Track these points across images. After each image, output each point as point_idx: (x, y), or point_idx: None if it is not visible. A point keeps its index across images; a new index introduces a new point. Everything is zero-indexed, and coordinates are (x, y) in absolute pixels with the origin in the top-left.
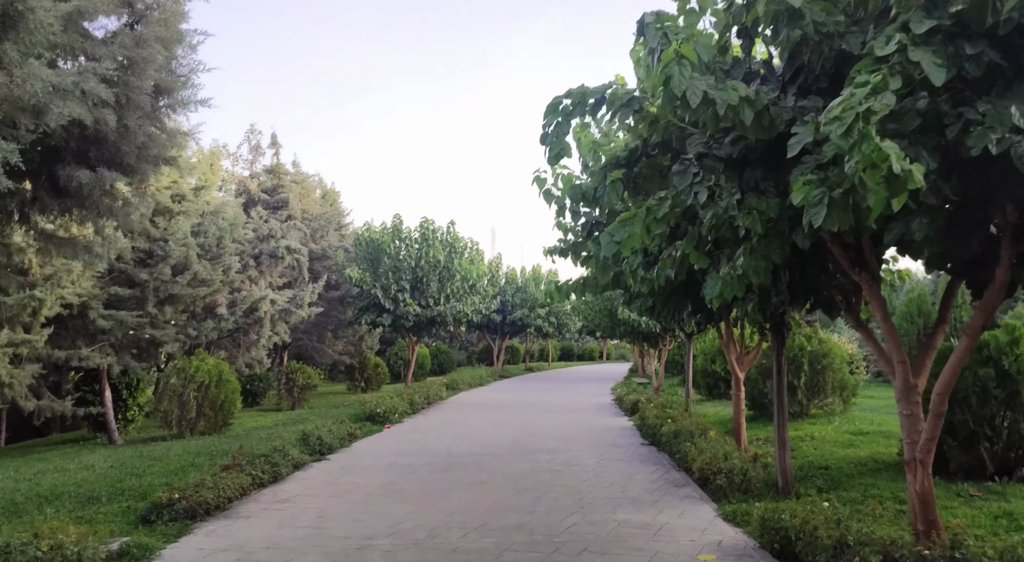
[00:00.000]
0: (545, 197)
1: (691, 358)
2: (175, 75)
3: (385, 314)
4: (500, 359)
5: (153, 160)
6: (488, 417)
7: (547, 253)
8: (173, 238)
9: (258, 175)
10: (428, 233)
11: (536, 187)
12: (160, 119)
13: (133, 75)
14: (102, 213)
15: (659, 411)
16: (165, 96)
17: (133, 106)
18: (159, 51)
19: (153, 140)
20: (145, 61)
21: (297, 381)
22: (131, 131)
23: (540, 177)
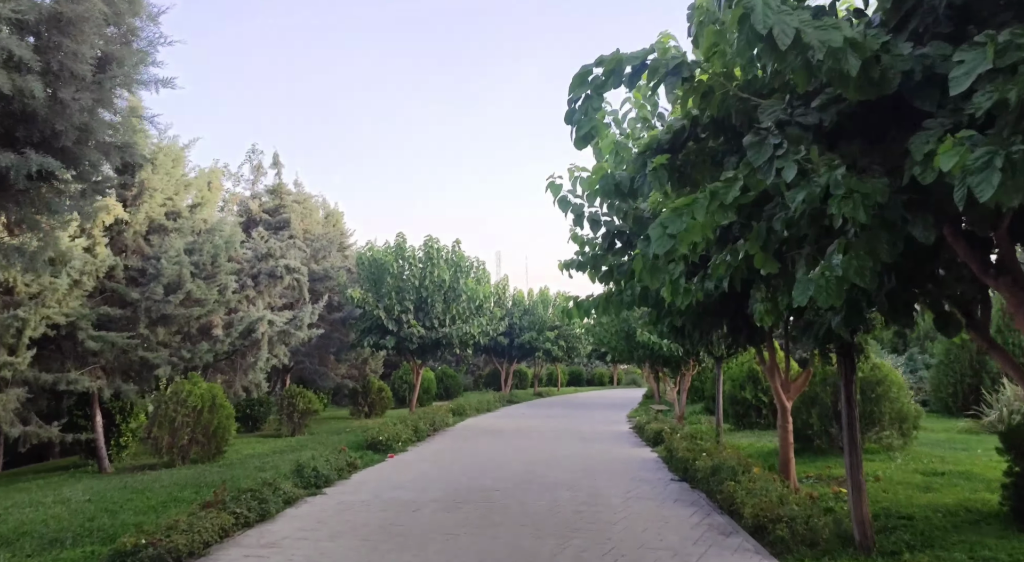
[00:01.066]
0: (560, 205)
1: (720, 384)
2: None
3: (388, 336)
4: (508, 384)
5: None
6: (498, 446)
7: (562, 268)
8: (165, 256)
9: (260, 195)
10: (432, 252)
11: (550, 194)
12: (107, 95)
13: (66, 36)
14: (39, 208)
15: (689, 443)
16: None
17: (68, 75)
18: (97, 6)
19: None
20: (81, 19)
21: (297, 406)
22: (66, 106)
23: (554, 183)
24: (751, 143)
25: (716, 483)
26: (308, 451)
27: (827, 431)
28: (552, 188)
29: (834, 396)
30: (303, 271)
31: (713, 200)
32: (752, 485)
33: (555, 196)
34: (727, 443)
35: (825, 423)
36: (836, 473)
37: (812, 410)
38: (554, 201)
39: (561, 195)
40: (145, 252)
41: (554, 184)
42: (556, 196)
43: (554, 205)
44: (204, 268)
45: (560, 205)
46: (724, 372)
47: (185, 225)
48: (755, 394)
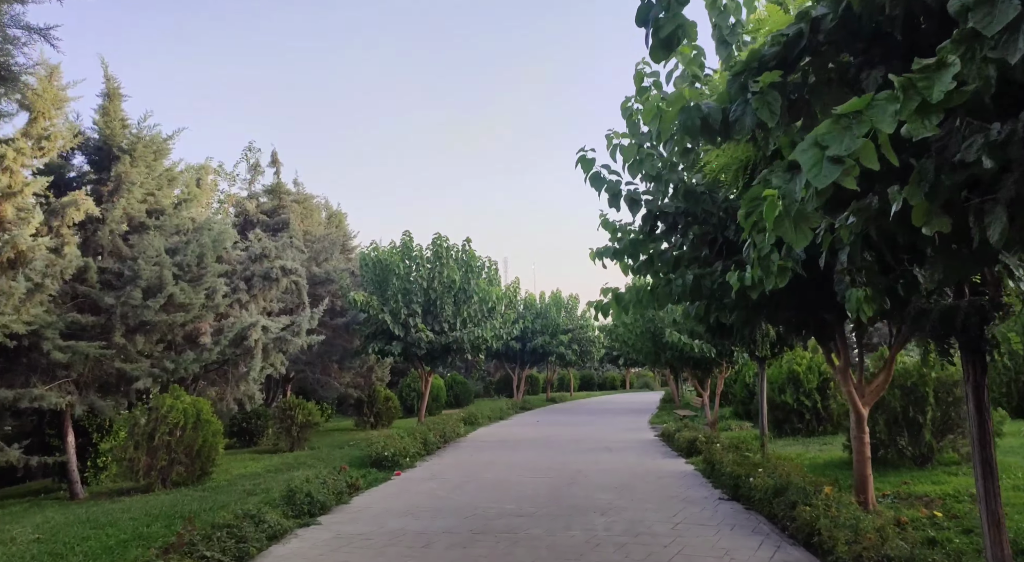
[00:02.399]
0: (593, 183)
1: (764, 387)
2: None
3: (395, 341)
4: (521, 390)
5: None
6: (516, 459)
7: (594, 257)
8: (143, 256)
9: (257, 195)
10: (441, 251)
11: (581, 170)
12: None
13: None
14: None
15: (736, 455)
16: None
17: None
18: None
19: None
20: None
21: (296, 419)
22: None
23: (585, 157)
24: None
25: (783, 506)
26: (306, 469)
27: (895, 441)
28: (583, 163)
29: (905, 401)
30: (301, 273)
31: (908, 99)
32: (835, 512)
33: (586, 173)
34: (772, 453)
35: (894, 432)
36: (917, 490)
37: (878, 417)
38: (585, 178)
39: (593, 172)
40: (123, 253)
41: (585, 159)
42: (588, 173)
43: (585, 183)
44: (189, 269)
45: (592, 183)
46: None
47: (168, 223)
48: (796, 397)
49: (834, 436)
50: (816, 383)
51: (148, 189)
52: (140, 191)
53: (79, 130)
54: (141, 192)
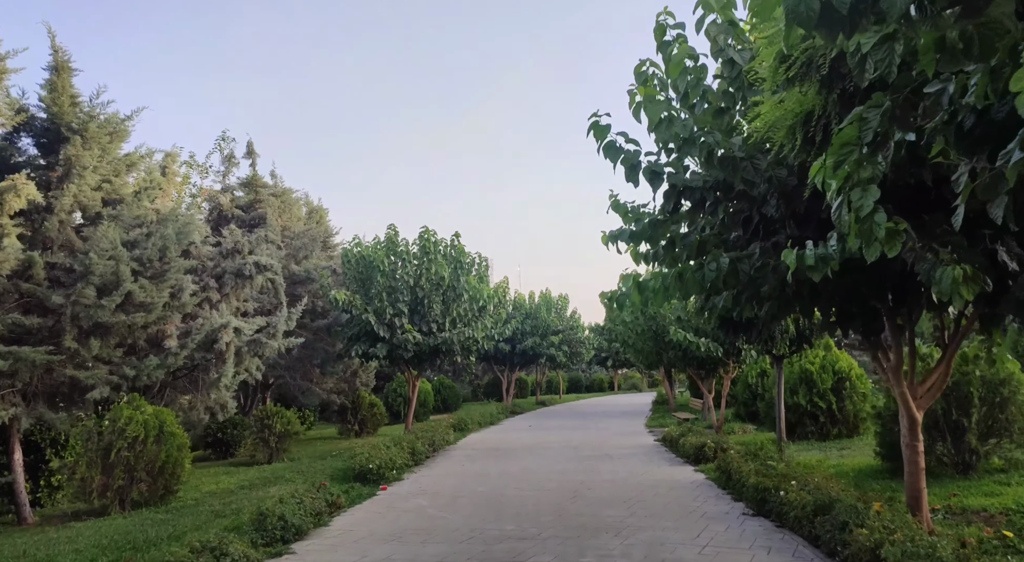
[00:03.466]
0: (607, 153)
1: (781, 388)
2: None
3: (379, 343)
4: (510, 393)
5: None
6: (511, 469)
7: (607, 240)
8: (96, 249)
9: (232, 188)
10: (429, 246)
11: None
12: None
13: None
14: None
15: (758, 464)
16: None
17: None
18: None
19: None
20: None
21: (274, 428)
22: None
23: (599, 123)
24: None
25: (829, 527)
26: (283, 485)
27: (933, 447)
28: (596, 130)
29: (946, 402)
30: (277, 269)
31: None
32: (901, 537)
33: (600, 141)
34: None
35: (933, 436)
36: (971, 504)
37: None
38: (598, 147)
39: (608, 141)
40: (76, 246)
41: (599, 125)
42: (601, 141)
43: (598, 153)
44: (150, 265)
45: (606, 153)
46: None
47: (126, 213)
48: (809, 399)
49: (850, 439)
50: (831, 383)
51: (103, 175)
52: (94, 177)
53: (22, 107)
54: (95, 178)
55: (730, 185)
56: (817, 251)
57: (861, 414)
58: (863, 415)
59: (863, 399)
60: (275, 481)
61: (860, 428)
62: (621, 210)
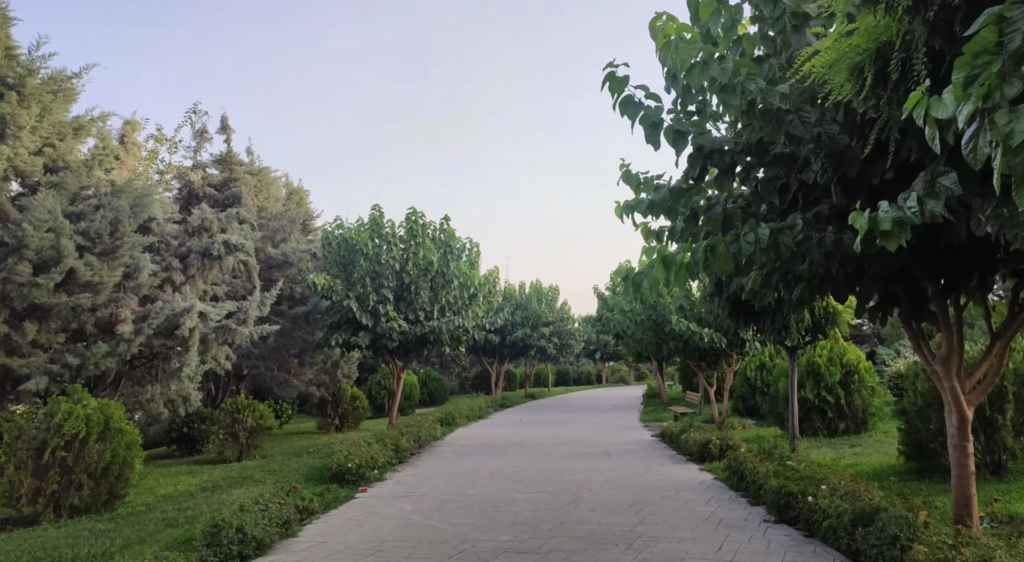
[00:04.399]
0: (624, 109)
1: (795, 381)
2: None
3: (362, 332)
4: (499, 386)
5: None
6: (503, 468)
7: (621, 212)
8: (31, 218)
9: (204, 165)
10: (417, 229)
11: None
12: None
13: None
14: None
15: (776, 464)
16: None
17: None
18: None
19: None
20: None
21: (245, 422)
22: None
23: (615, 74)
24: None
25: (875, 541)
26: (251, 486)
27: None
28: (612, 83)
29: None
30: (249, 249)
31: None
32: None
33: (615, 95)
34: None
35: None
36: (1016, 510)
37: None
38: (614, 103)
39: (626, 95)
40: (12, 217)
41: (615, 77)
42: (617, 96)
43: (614, 109)
44: (99, 240)
45: (623, 109)
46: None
47: (71, 181)
48: (816, 393)
49: (858, 436)
50: (839, 376)
51: (44, 138)
52: (33, 140)
53: None
54: (34, 141)
55: (765, 148)
56: (893, 213)
57: (870, 409)
58: (872, 410)
59: (872, 393)
60: (242, 482)
61: (869, 424)
62: (633, 181)
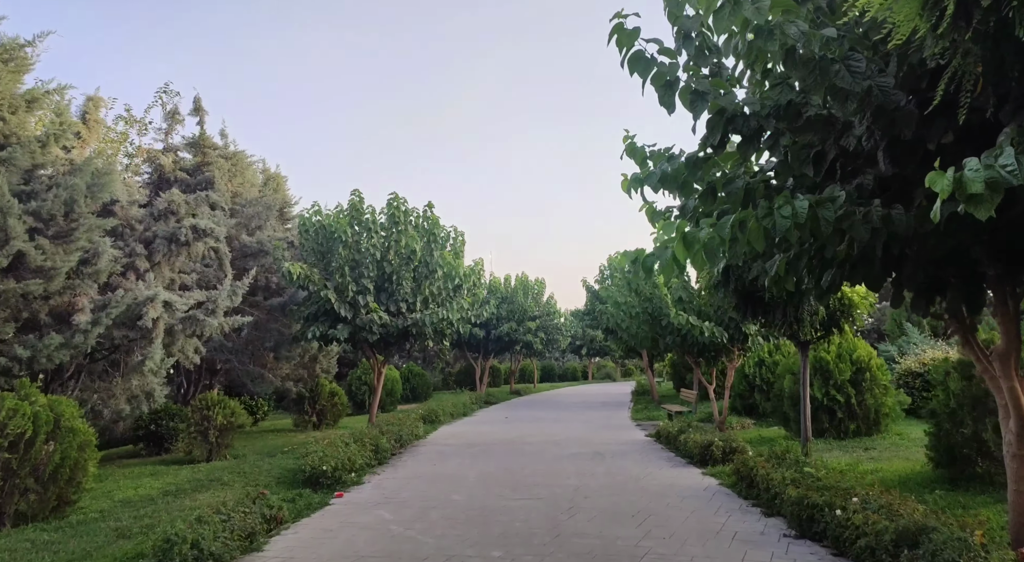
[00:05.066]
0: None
1: (807, 379)
2: None
3: (340, 325)
4: (484, 382)
5: None
6: (491, 469)
7: (630, 186)
8: None
9: (175, 148)
10: (399, 215)
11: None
12: None
13: None
14: None
15: (792, 471)
16: None
17: None
18: None
19: None
20: None
21: (215, 420)
22: None
23: (623, 27)
24: None
25: None
26: (217, 490)
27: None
28: (620, 36)
29: None
30: (219, 235)
31: None
32: None
33: (625, 50)
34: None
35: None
36: None
37: (968, 416)
38: (623, 59)
39: (635, 51)
40: None
41: (623, 29)
42: (626, 50)
43: (622, 66)
44: (52, 221)
45: (632, 66)
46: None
47: (20, 157)
48: (826, 392)
49: (870, 437)
50: (849, 374)
51: None
52: None
53: None
54: None
55: (798, 110)
56: (985, 173)
57: (883, 409)
58: (885, 410)
59: (884, 392)
60: (209, 485)
61: (882, 425)
62: (639, 155)
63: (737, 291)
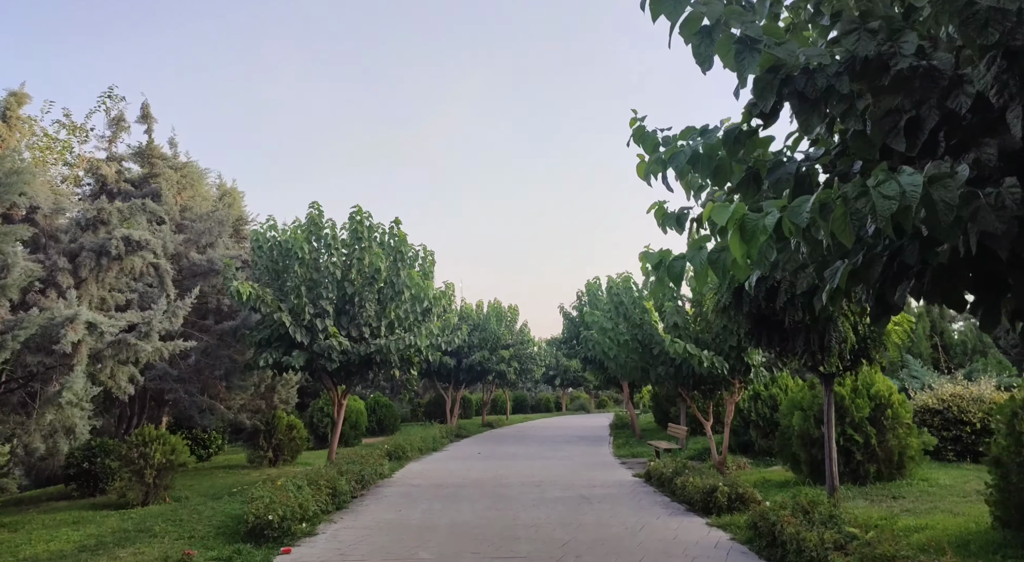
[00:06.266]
0: (657, 7)
1: (831, 417)
2: None
3: (296, 351)
4: (455, 414)
5: None
6: (463, 518)
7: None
8: None
9: (120, 158)
10: (362, 231)
11: None
12: None
13: None
14: None
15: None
16: None
17: None
18: None
19: None
20: None
21: (152, 458)
22: None
23: None
24: None
25: None
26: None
27: None
28: None
29: None
30: (156, 248)
31: None
32: None
33: None
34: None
35: None
36: None
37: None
38: None
39: None
40: None
41: None
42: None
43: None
44: None
45: (657, 7)
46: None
47: None
48: (842, 431)
49: (893, 483)
50: (867, 411)
51: None
52: None
53: None
54: None
55: (884, 62)
56: None
57: (908, 452)
58: (911, 453)
59: (908, 432)
60: (136, 537)
61: (907, 469)
62: (649, 141)
63: (751, 315)
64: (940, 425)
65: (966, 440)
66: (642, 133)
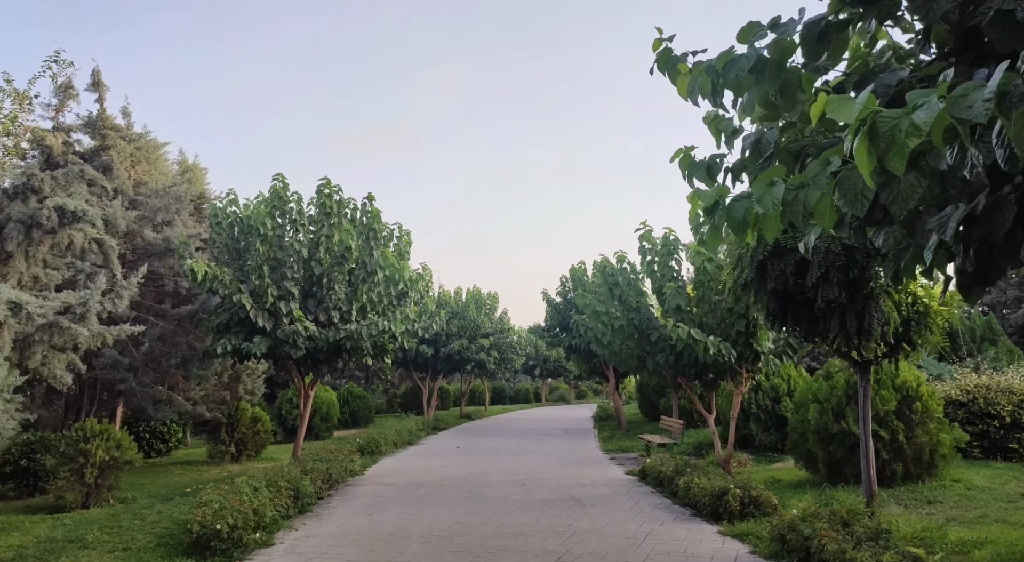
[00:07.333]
0: None
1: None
2: None
3: (257, 337)
4: (432, 405)
5: None
6: (441, 523)
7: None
8: None
9: (67, 128)
10: (331, 206)
11: None
12: None
13: None
14: None
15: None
16: None
17: None
18: None
19: None
20: None
21: (93, 456)
22: None
23: None
24: None
25: None
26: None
27: None
28: None
29: None
30: (96, 220)
31: None
32: None
33: None
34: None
35: None
36: None
37: None
38: None
39: None
40: None
41: None
42: None
43: None
44: None
45: None
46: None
47: None
48: None
49: (924, 485)
50: (893, 404)
51: None
52: None
53: None
54: None
55: None
56: None
57: (940, 450)
58: (943, 451)
59: (940, 427)
60: (64, 549)
61: (938, 468)
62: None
63: (775, 292)
64: (965, 419)
65: (994, 435)
66: (667, 56)
